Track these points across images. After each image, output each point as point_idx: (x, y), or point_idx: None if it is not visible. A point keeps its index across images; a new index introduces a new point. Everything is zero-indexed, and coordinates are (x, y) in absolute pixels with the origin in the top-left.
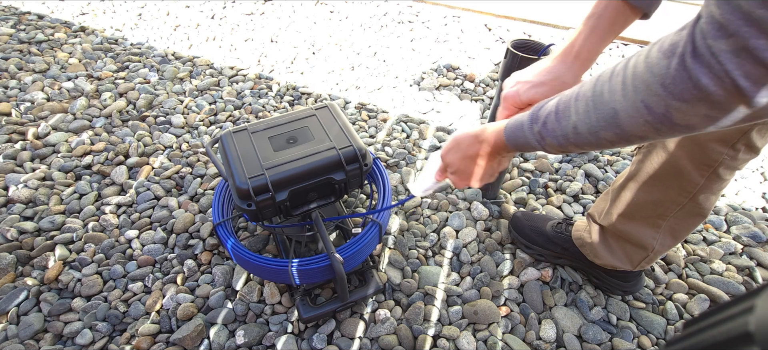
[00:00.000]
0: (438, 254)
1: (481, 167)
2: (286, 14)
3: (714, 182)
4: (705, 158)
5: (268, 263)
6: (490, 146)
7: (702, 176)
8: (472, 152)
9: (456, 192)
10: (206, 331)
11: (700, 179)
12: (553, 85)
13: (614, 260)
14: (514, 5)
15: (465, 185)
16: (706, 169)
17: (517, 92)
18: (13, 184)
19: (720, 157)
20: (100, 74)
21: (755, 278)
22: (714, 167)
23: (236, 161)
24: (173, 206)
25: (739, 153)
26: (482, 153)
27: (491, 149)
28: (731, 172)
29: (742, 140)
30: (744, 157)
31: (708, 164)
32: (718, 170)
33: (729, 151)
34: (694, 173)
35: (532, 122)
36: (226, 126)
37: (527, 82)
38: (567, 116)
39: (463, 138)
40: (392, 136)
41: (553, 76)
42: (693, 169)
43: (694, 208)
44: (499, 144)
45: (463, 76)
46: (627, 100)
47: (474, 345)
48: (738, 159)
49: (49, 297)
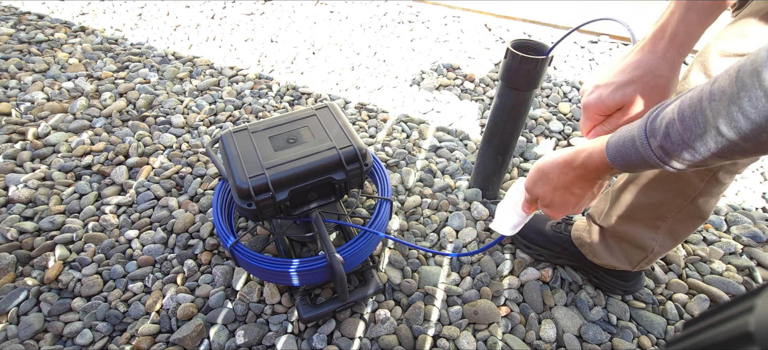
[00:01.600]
0: (438, 255)
1: (578, 195)
2: (286, 14)
3: (714, 185)
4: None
5: (310, 264)
6: (589, 171)
7: (702, 181)
8: (566, 180)
9: (456, 192)
10: (206, 331)
11: (699, 184)
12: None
13: (613, 261)
14: (514, 5)
15: (562, 215)
16: (706, 173)
17: (599, 97)
18: (13, 184)
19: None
20: (100, 74)
21: (755, 278)
22: (714, 171)
23: (236, 161)
24: (173, 206)
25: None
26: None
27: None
28: (731, 176)
29: None
30: (744, 161)
31: (708, 169)
32: (717, 175)
33: None
34: (694, 177)
35: (648, 135)
36: (226, 126)
37: (610, 84)
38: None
39: (551, 168)
40: (392, 136)
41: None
42: (693, 173)
43: (694, 211)
44: (601, 168)
45: (463, 76)
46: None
47: (474, 345)
48: (738, 164)
49: (49, 297)
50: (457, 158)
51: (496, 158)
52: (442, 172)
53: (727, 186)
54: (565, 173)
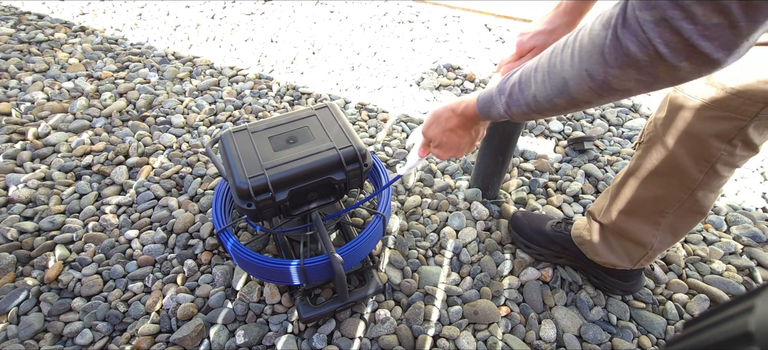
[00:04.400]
0: (438, 254)
1: (460, 137)
2: (286, 14)
3: (712, 178)
4: (703, 154)
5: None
6: (465, 117)
7: (700, 172)
8: (451, 124)
9: (456, 192)
10: (206, 331)
11: (698, 175)
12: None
13: (614, 258)
14: (514, 5)
15: (448, 157)
16: (704, 165)
17: (520, 41)
18: (13, 184)
19: (717, 152)
20: (100, 74)
21: (755, 278)
22: (712, 162)
23: (236, 161)
24: (173, 206)
25: (737, 149)
26: (460, 125)
27: (467, 121)
28: (730, 169)
29: (738, 137)
30: (742, 154)
31: (706, 160)
32: (715, 166)
33: (726, 147)
34: (693, 169)
35: (499, 93)
36: (226, 126)
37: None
38: (528, 86)
39: (442, 112)
40: (392, 136)
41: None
42: (692, 165)
43: (694, 205)
44: (472, 115)
45: (463, 76)
46: (574, 69)
47: (474, 345)
48: (736, 156)
49: (49, 296)
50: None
51: (496, 158)
52: (442, 172)
53: (726, 180)
54: (451, 118)
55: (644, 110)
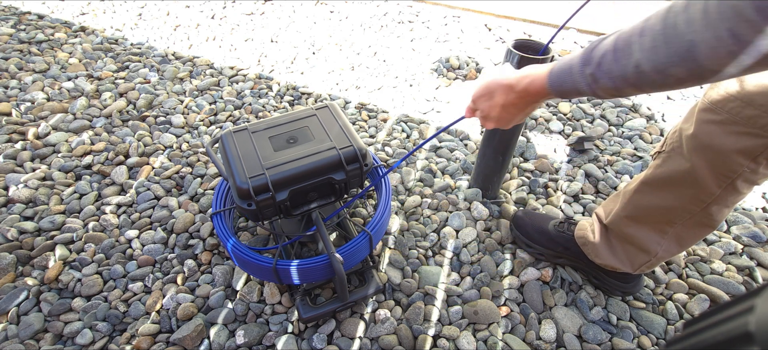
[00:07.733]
0: (438, 255)
1: (512, 114)
2: (286, 14)
3: (730, 194)
4: (725, 169)
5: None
6: (528, 94)
7: (719, 187)
8: (506, 101)
9: (456, 192)
10: (206, 331)
11: (716, 190)
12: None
13: (615, 261)
14: (514, 5)
15: (492, 127)
16: (724, 179)
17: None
18: (13, 184)
19: (740, 168)
20: (100, 74)
21: (755, 278)
22: (732, 178)
23: (236, 161)
24: (173, 206)
25: (761, 167)
26: (517, 102)
27: (529, 97)
28: (749, 186)
29: (764, 154)
30: (765, 172)
31: (727, 175)
32: (735, 182)
33: (750, 164)
34: (711, 183)
35: (583, 64)
36: (226, 126)
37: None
38: (627, 54)
39: (497, 88)
40: (392, 136)
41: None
42: (711, 178)
43: (705, 218)
44: (540, 92)
45: (463, 77)
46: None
47: (474, 345)
48: (759, 174)
49: (49, 296)
50: (457, 158)
51: (496, 158)
52: (442, 172)
53: (743, 197)
54: (507, 94)
55: (644, 110)
